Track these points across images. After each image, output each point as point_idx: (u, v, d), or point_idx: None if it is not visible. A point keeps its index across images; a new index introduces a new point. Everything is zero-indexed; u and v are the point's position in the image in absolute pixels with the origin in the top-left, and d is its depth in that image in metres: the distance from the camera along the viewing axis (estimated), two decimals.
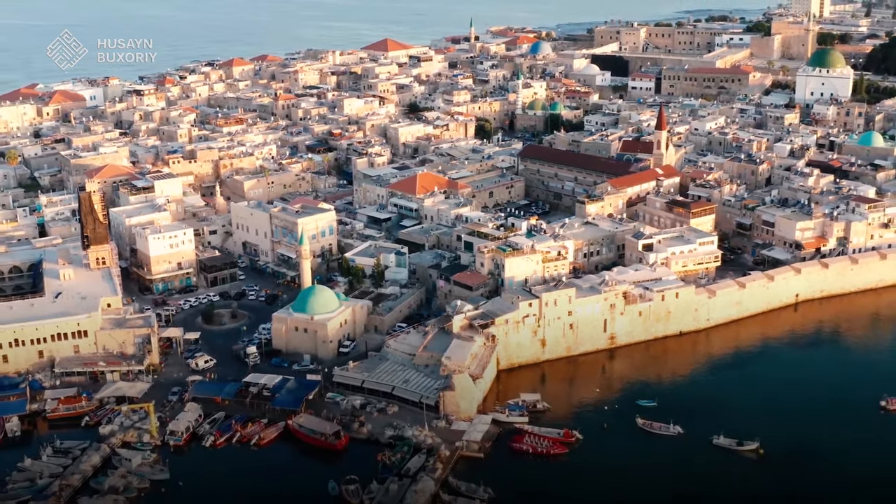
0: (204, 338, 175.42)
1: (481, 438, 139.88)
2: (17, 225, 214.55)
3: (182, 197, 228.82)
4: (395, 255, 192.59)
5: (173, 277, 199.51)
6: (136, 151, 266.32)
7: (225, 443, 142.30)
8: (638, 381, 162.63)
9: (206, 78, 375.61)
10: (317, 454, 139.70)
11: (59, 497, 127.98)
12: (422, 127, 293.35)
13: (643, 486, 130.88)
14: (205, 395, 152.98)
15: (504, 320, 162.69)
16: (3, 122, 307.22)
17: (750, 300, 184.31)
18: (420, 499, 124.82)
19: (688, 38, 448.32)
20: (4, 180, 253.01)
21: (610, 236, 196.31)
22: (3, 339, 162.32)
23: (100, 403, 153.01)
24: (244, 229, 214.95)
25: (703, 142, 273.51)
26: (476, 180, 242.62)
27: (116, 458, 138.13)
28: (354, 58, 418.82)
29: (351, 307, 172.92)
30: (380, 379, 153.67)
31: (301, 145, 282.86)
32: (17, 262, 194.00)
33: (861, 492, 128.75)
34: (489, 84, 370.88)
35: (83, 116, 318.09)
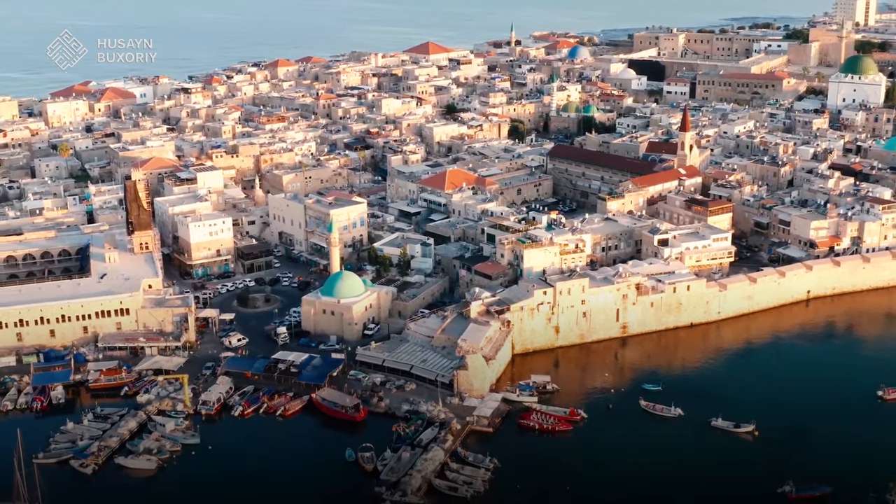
0: (238, 319, 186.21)
1: (491, 414, 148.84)
2: (67, 212, 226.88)
3: (223, 189, 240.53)
4: (421, 245, 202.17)
5: (212, 263, 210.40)
6: (182, 146, 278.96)
7: (252, 413, 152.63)
8: (648, 368, 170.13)
9: (251, 78, 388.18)
10: (337, 425, 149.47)
11: (97, 456, 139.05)
12: (456, 127, 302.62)
13: (641, 461, 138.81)
14: (236, 370, 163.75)
15: (519, 307, 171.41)
16: (56, 116, 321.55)
17: (761, 295, 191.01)
18: (429, 466, 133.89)
19: (726, 45, 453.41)
20: (56, 171, 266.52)
21: (628, 231, 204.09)
22: (50, 315, 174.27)
23: (138, 375, 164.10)
24: (280, 220, 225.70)
25: (731, 145, 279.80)
26: (505, 178, 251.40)
27: (151, 423, 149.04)
28: (396, 60, 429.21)
29: (376, 293, 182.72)
30: (399, 358, 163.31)
31: (339, 143, 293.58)
32: (66, 245, 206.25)
33: (850, 470, 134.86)
34: (526, 87, 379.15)
35: (133, 113, 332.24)
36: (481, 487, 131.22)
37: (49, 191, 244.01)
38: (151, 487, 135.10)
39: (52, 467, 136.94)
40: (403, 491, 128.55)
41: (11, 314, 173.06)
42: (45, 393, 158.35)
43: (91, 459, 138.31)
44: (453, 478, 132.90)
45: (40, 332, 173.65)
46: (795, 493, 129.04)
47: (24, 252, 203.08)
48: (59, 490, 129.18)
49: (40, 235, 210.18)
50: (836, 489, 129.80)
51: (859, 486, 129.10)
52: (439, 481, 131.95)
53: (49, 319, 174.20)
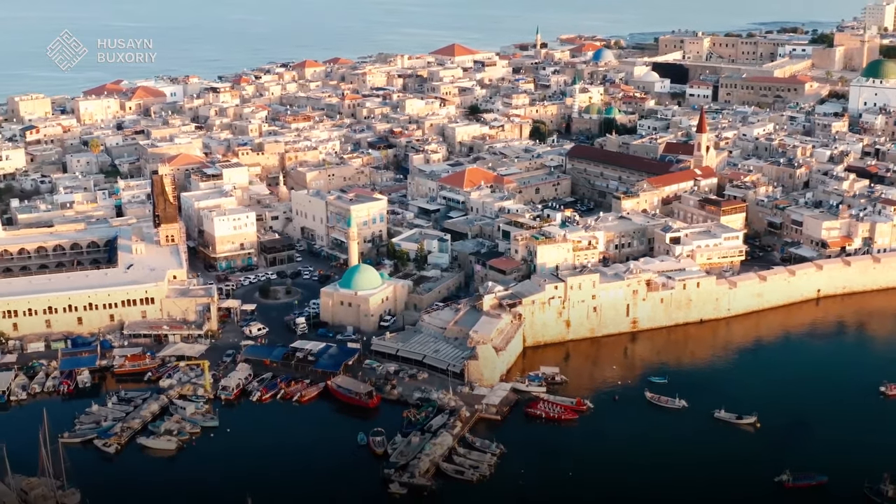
0: (259, 310, 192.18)
1: (499, 403, 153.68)
2: (96, 206, 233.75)
3: (248, 185, 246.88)
4: (438, 241, 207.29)
5: (235, 256, 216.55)
6: (209, 143, 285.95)
7: (270, 398, 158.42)
8: (656, 362, 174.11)
9: (279, 78, 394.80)
10: (351, 411, 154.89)
11: (120, 436, 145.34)
12: (478, 127, 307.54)
13: (643, 449, 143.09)
14: (255, 358, 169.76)
15: (531, 301, 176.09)
16: (88, 114, 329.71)
17: (771, 293, 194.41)
18: (437, 450, 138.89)
19: (751, 49, 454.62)
20: (87, 166, 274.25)
21: (641, 229, 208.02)
22: (78, 303, 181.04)
23: (162, 361, 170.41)
24: (303, 215, 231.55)
25: (750, 147, 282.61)
26: (523, 177, 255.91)
27: (173, 407, 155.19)
28: (422, 62, 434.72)
29: (393, 286, 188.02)
30: (413, 349, 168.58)
31: (363, 142, 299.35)
32: (95, 237, 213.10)
33: (848, 462, 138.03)
34: (550, 89, 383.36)
35: (163, 111, 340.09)
36: (487, 472, 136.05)
37: (80, 185, 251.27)
38: (171, 466, 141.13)
39: (76, 446, 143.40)
40: (411, 473, 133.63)
41: (41, 302, 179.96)
42: (72, 377, 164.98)
43: (114, 439, 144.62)
44: (460, 462, 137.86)
45: (68, 319, 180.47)
46: (792, 482, 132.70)
47: (54, 243, 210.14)
48: (83, 467, 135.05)
49: (70, 228, 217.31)
50: (832, 479, 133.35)
51: (855, 477, 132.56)
52: (446, 465, 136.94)
53: (77, 307, 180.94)
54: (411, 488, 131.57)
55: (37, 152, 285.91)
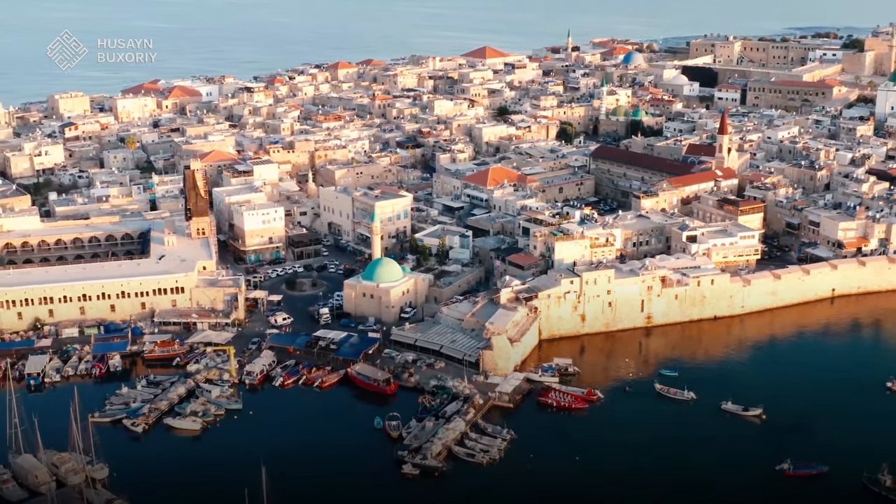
0: (285, 300, 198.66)
1: (512, 391, 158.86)
2: (131, 200, 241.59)
3: (278, 181, 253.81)
4: (460, 237, 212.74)
5: (264, 250, 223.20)
6: (242, 141, 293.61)
7: (292, 384, 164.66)
8: (670, 357, 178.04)
9: (312, 79, 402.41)
10: (369, 397, 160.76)
11: (148, 417, 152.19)
12: (505, 128, 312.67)
13: (649, 438, 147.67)
14: (279, 345, 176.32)
15: (546, 295, 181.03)
16: (126, 112, 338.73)
17: (785, 291, 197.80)
18: (450, 435, 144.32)
19: (782, 53, 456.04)
20: (124, 162, 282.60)
21: (659, 228, 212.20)
22: (111, 291, 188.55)
23: (190, 348, 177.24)
24: (330, 211, 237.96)
25: (774, 150, 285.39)
26: (547, 177, 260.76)
27: (199, 390, 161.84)
28: (454, 64, 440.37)
29: (414, 279, 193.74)
30: (430, 339, 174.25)
31: (392, 141, 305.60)
32: (129, 230, 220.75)
33: (849, 453, 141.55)
34: (579, 91, 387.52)
35: (198, 110, 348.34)
36: (497, 455, 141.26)
37: (116, 180, 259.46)
38: (196, 446, 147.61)
39: (106, 426, 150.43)
40: (424, 455, 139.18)
41: (76, 289, 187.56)
42: (104, 361, 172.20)
43: (142, 419, 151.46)
44: (471, 446, 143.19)
45: (102, 306, 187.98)
46: (793, 471, 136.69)
47: (90, 235, 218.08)
48: (112, 445, 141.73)
49: (105, 220, 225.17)
50: (832, 469, 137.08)
51: (855, 467, 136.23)
52: (458, 448, 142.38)
53: (110, 295, 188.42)
54: (423, 469, 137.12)
55: (75, 148, 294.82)
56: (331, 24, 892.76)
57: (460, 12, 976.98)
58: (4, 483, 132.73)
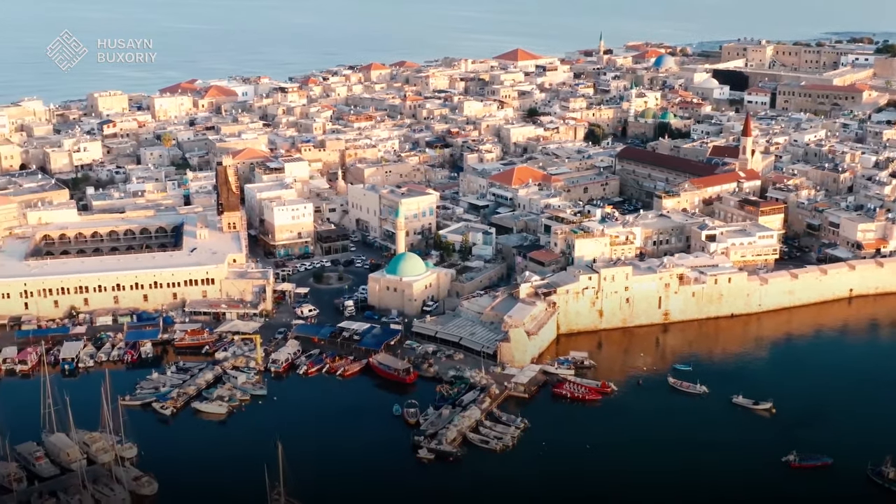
0: (312, 293, 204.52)
1: (527, 382, 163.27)
2: (165, 195, 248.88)
3: (308, 178, 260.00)
4: (483, 234, 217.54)
5: (293, 245, 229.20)
6: (275, 140, 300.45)
7: (316, 372, 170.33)
8: (686, 353, 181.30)
9: (346, 80, 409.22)
10: (389, 385, 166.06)
11: (176, 401, 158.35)
12: (533, 129, 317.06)
13: (659, 429, 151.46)
14: (305, 335, 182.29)
15: (565, 290, 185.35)
16: (163, 110, 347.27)
17: (802, 291, 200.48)
18: (465, 422, 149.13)
19: (814, 57, 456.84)
20: (159, 159, 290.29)
21: (679, 227, 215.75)
22: (144, 282, 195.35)
23: (219, 337, 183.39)
24: (358, 208, 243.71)
25: (800, 152, 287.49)
26: (572, 177, 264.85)
27: (226, 376, 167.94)
28: (486, 66, 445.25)
29: (436, 273, 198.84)
30: (451, 331, 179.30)
31: (421, 141, 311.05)
32: (163, 223, 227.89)
33: (855, 446, 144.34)
34: (609, 94, 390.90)
35: (233, 109, 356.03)
36: (510, 442, 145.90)
37: (151, 176, 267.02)
38: (221, 428, 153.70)
39: (136, 409, 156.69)
40: (439, 440, 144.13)
41: (110, 279, 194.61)
42: (136, 348, 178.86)
43: (170, 403, 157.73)
44: (486, 433, 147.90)
45: (135, 296, 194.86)
46: (798, 462, 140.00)
47: (125, 228, 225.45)
48: (141, 427, 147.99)
49: (140, 214, 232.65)
50: (837, 461, 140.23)
51: (859, 460, 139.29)
52: (473, 435, 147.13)
53: (143, 285, 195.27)
54: (438, 454, 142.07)
55: (113, 145, 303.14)
56: (368, 27, 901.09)
57: (497, 16, 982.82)
58: (37, 459, 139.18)
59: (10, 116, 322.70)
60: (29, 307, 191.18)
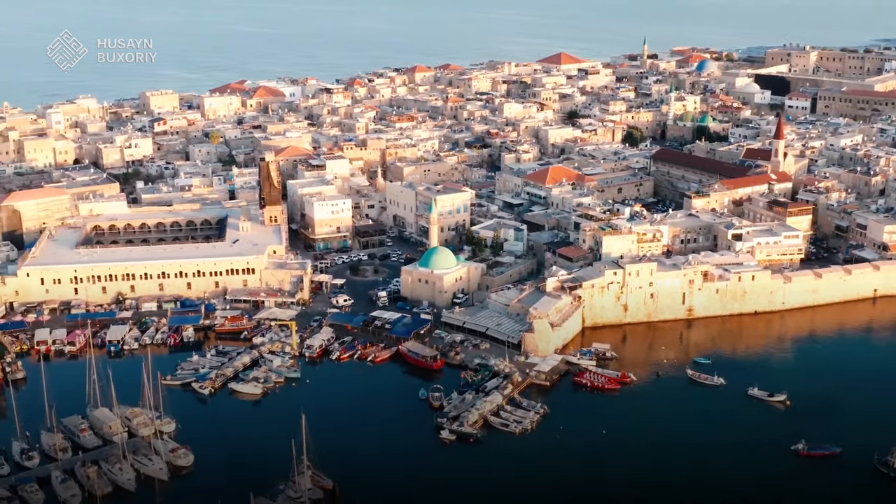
0: (348, 285, 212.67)
1: (549, 371, 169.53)
2: (211, 190, 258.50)
3: (349, 176, 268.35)
4: (515, 230, 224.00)
5: (332, 239, 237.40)
6: (318, 138, 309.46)
7: (347, 358, 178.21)
8: (708, 348, 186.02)
9: (390, 81, 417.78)
10: (417, 372, 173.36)
11: (214, 381, 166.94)
12: (571, 130, 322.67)
13: (674, 417, 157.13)
14: (338, 323, 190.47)
15: (590, 285, 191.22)
16: (212, 110, 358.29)
17: (826, 290, 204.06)
18: (487, 406, 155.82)
19: (858, 63, 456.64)
20: (207, 156, 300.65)
21: (707, 226, 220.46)
22: (188, 270, 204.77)
23: (257, 323, 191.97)
24: (395, 205, 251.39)
25: (836, 157, 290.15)
26: (607, 177, 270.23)
27: (262, 360, 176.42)
28: (529, 69, 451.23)
29: (467, 267, 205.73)
30: (478, 321, 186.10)
31: (461, 141, 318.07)
32: (208, 216, 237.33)
33: (865, 437, 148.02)
34: (650, 97, 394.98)
35: (280, 109, 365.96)
36: (529, 426, 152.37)
37: (199, 172, 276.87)
38: (255, 407, 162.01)
39: (176, 388, 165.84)
40: (461, 422, 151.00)
41: (156, 268, 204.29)
42: (178, 332, 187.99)
43: (208, 383, 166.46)
44: (506, 417, 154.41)
45: (179, 283, 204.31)
46: (807, 451, 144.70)
47: (172, 220, 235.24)
48: (180, 405, 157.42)
49: (187, 207, 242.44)
50: (846, 450, 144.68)
51: (868, 449, 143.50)
52: (494, 418, 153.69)
53: (187, 274, 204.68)
54: (459, 435, 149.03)
55: (163, 142, 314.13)
56: (416, 31, 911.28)
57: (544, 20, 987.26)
58: (82, 431, 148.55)
59: (65, 113, 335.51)
60: (78, 292, 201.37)
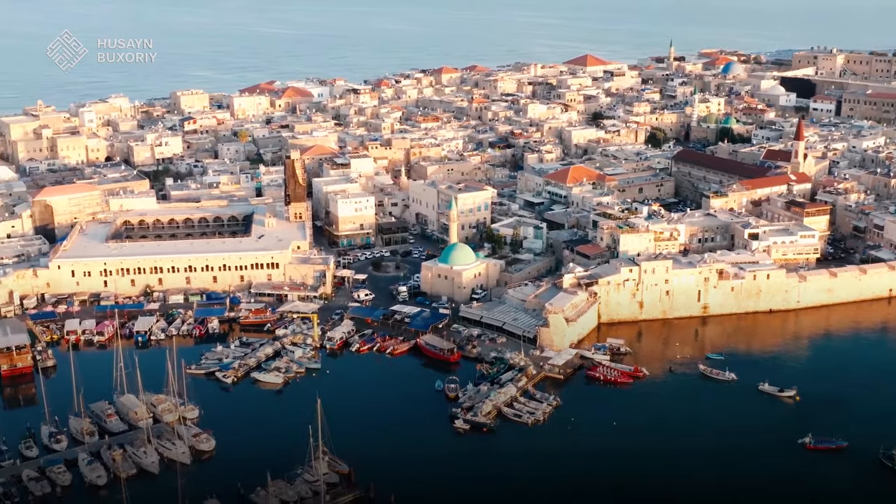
0: (370, 280, 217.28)
1: (563, 364, 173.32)
2: (239, 187, 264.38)
3: (373, 174, 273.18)
4: (534, 228, 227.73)
5: (355, 235, 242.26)
6: (344, 138, 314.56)
7: (367, 350, 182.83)
8: (723, 344, 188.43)
9: (417, 82, 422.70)
10: (434, 364, 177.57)
11: (237, 371, 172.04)
12: (594, 131, 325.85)
13: (684, 411, 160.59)
14: (359, 316, 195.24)
15: (606, 281, 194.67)
16: (241, 109, 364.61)
17: (841, 289, 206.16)
18: (501, 398, 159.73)
19: (885, 67, 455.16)
20: (236, 154, 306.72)
21: (724, 226, 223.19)
22: (214, 264, 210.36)
23: (280, 316, 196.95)
24: (418, 202, 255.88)
25: (857, 159, 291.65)
26: (628, 177, 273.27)
27: (284, 351, 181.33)
28: (555, 71, 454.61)
29: (486, 263, 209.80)
30: (495, 316, 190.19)
31: (485, 141, 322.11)
32: (235, 213, 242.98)
33: (873, 431, 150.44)
34: (675, 99, 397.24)
35: (308, 109, 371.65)
36: (542, 417, 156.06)
37: (227, 169, 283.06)
38: (276, 396, 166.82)
39: (200, 377, 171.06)
40: (475, 413, 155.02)
41: (183, 261, 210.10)
42: (204, 324, 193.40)
43: (231, 372, 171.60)
44: (519, 408, 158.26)
45: (205, 277, 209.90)
46: (813, 444, 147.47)
47: (199, 216, 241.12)
48: (204, 392, 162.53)
49: (214, 203, 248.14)
50: (852, 444, 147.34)
51: (874, 443, 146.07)
52: (507, 409, 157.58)
53: (213, 267, 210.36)
54: (473, 425, 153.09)
55: (193, 140, 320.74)
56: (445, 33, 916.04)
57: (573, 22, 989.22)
58: (108, 416, 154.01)
59: (97, 112, 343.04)
60: (108, 285, 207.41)
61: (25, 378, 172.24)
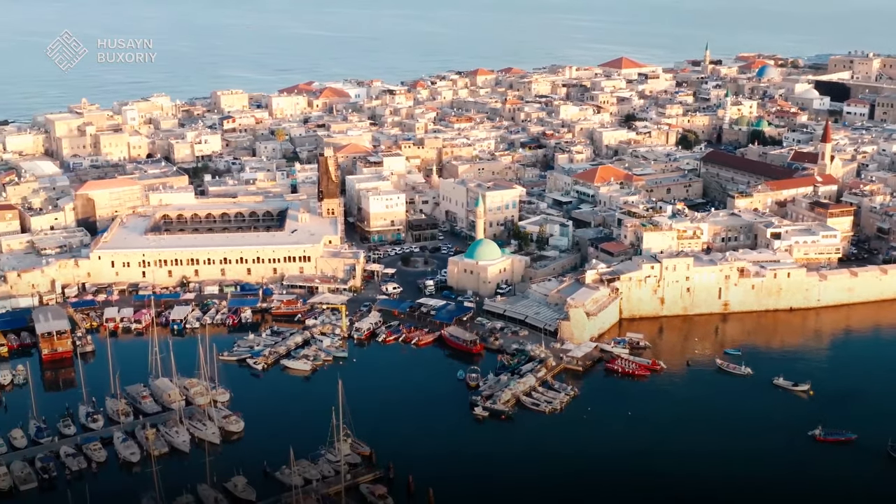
0: (398, 274, 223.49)
1: (582, 357, 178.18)
2: (274, 184, 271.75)
3: (405, 172, 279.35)
4: (560, 226, 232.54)
5: (386, 231, 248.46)
6: (379, 137, 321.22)
7: (393, 341, 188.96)
8: (742, 341, 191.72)
9: (452, 84, 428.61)
10: (458, 355, 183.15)
11: (267, 358, 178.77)
12: (625, 132, 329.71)
13: (698, 402, 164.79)
14: (386, 308, 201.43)
15: (628, 278, 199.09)
16: (280, 109, 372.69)
17: (862, 288, 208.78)
18: (520, 387, 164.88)
19: None
20: (273, 152, 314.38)
21: (748, 226, 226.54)
22: (248, 257, 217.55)
23: (310, 307, 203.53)
24: (448, 200, 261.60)
25: (887, 161, 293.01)
26: (656, 178, 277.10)
27: (313, 340, 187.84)
28: (590, 73, 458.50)
29: (511, 259, 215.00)
30: (518, 310, 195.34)
31: (517, 142, 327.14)
32: (270, 208, 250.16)
33: (884, 424, 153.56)
34: (709, 102, 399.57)
35: (344, 109, 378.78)
36: (559, 406, 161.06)
37: (264, 167, 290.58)
38: (304, 383, 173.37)
39: (232, 364, 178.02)
40: (494, 400, 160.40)
41: (218, 254, 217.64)
42: (237, 314, 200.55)
43: (262, 359, 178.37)
44: (538, 397, 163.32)
45: (239, 269, 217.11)
46: (823, 436, 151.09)
47: (235, 211, 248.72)
48: (235, 377, 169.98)
49: (250, 199, 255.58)
50: (862, 437, 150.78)
51: (884, 436, 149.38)
52: (526, 398, 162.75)
53: (247, 260, 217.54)
54: (492, 412, 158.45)
55: (231, 138, 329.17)
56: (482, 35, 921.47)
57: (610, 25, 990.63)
58: (143, 398, 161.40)
59: (139, 110, 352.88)
60: (146, 275, 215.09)
61: (65, 362, 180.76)
